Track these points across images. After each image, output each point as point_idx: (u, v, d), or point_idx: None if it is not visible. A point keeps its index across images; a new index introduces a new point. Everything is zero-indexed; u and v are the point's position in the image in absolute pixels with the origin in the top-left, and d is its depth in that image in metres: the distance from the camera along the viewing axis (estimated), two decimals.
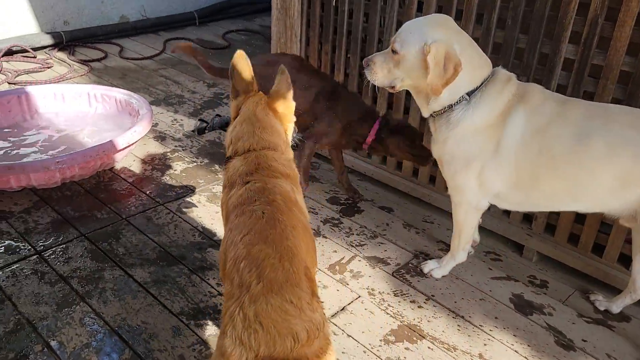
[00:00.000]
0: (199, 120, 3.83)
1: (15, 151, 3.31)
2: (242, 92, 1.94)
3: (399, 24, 2.76)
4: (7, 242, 2.56)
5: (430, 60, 1.90)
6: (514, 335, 2.16)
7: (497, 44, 2.49)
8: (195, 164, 3.32)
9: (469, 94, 2.02)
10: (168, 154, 3.42)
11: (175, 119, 3.90)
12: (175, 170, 3.24)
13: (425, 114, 2.16)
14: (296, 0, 3.18)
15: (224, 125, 3.80)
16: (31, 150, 3.32)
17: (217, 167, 3.29)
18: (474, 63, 1.99)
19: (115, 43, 5.37)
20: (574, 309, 2.32)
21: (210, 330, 2.12)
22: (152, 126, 3.63)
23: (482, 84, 2.01)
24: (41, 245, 2.54)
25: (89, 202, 2.90)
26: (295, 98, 1.98)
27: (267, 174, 1.70)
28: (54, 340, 2.05)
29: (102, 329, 2.10)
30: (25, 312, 2.17)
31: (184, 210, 2.86)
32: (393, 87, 2.13)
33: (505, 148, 2.00)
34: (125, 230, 2.68)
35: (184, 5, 6.13)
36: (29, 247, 2.53)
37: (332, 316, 2.21)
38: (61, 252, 2.51)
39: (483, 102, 2.00)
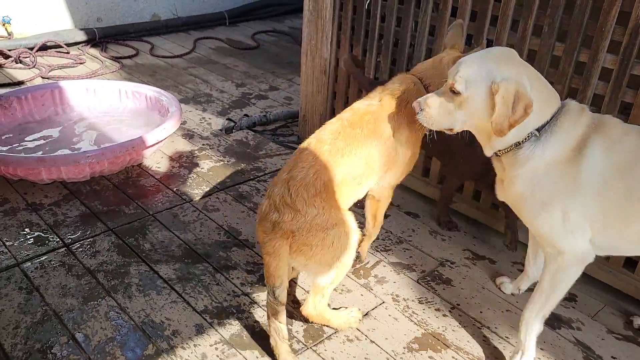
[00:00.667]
0: (227, 119, 3.85)
1: (47, 143, 3.37)
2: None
3: (432, 29, 2.75)
4: (36, 233, 2.60)
5: (498, 100, 1.70)
6: (541, 349, 2.11)
7: (531, 51, 2.44)
8: (222, 162, 3.34)
9: (539, 129, 1.79)
10: (196, 152, 3.45)
11: (203, 118, 3.93)
12: (202, 168, 3.26)
13: (489, 153, 1.93)
14: (328, 3, 3.17)
15: (252, 125, 3.81)
16: (62, 144, 3.38)
17: (243, 166, 3.30)
18: (543, 97, 1.78)
19: (147, 41, 5.44)
20: (603, 324, 2.26)
21: (233, 330, 2.12)
22: (181, 124, 3.66)
23: (551, 118, 1.80)
24: (69, 238, 2.58)
25: (117, 197, 2.94)
26: None
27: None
28: (79, 332, 2.07)
29: (127, 324, 2.12)
30: (53, 303, 2.20)
31: (210, 208, 2.88)
32: (451, 129, 1.90)
33: (585, 185, 1.76)
34: (152, 227, 2.70)
35: (214, 5, 6.19)
36: (58, 239, 2.57)
37: None
38: (89, 246, 2.54)
39: (555, 137, 1.78)
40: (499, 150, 1.86)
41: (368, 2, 3.02)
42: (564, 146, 1.78)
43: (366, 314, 2.24)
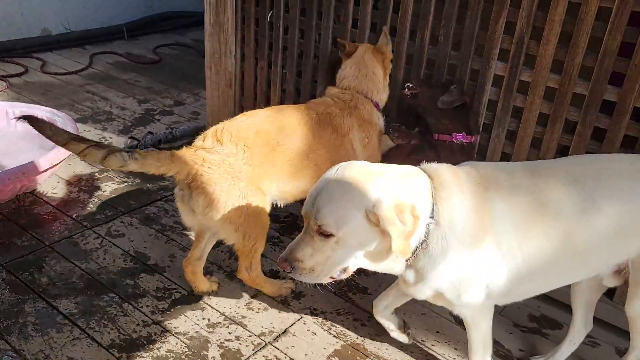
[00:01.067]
0: (130, 137, 3.66)
1: None
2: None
3: (334, 40, 2.78)
4: None
5: (386, 226, 1.48)
6: (455, 349, 2.17)
7: (430, 60, 2.53)
8: (126, 184, 3.16)
9: (431, 216, 1.59)
10: (96, 174, 3.24)
11: (103, 137, 3.71)
12: (104, 191, 3.07)
13: (399, 270, 1.70)
14: (230, 16, 3.12)
15: (157, 143, 3.65)
16: None
17: (149, 186, 3.15)
18: (410, 185, 1.58)
19: (37, 57, 5.08)
20: (509, 319, 2.36)
21: None
22: None
23: (432, 197, 1.60)
24: None
25: (8, 228, 2.69)
26: None
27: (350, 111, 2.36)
28: None
29: None
30: None
31: (114, 234, 2.71)
32: (345, 270, 1.64)
33: (504, 251, 1.63)
34: (49, 258, 2.49)
35: (111, 18, 5.89)
36: None
37: (274, 340, 2.14)
38: None
39: (452, 212, 1.60)
40: (408, 260, 1.65)
41: (270, 14, 3.00)
42: (467, 216, 1.60)
43: (284, 331, 2.19)
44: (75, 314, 2.19)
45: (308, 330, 2.21)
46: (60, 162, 2.97)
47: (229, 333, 2.16)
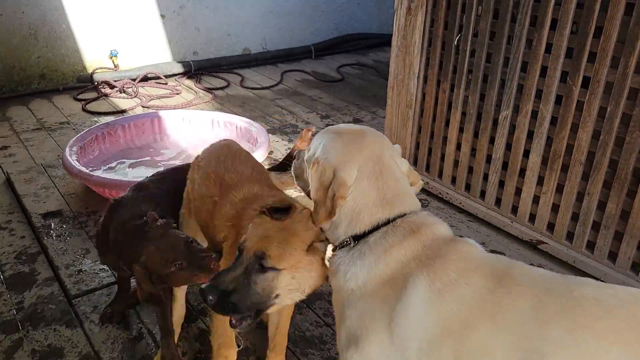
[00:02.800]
0: None
1: (142, 168, 3.60)
2: None
3: (524, 65, 2.70)
4: None
5: (312, 176, 1.46)
6: None
7: (633, 89, 2.34)
8: None
9: (358, 236, 1.42)
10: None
11: (289, 148, 4.05)
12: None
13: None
14: (417, 39, 3.21)
15: None
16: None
17: None
18: (371, 192, 1.41)
19: (237, 73, 5.73)
20: None
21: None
22: (268, 154, 3.79)
23: (379, 225, 1.41)
24: None
25: None
26: None
27: None
28: None
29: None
30: (148, 322, 2.31)
31: None
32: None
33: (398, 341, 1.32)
34: None
35: (302, 39, 6.42)
36: None
37: None
38: None
39: (369, 256, 1.39)
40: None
41: (458, 37, 3.03)
42: (374, 275, 1.36)
43: None
44: None
45: None
46: None
47: None
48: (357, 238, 1.40)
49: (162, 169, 2.49)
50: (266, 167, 2.54)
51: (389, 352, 1.31)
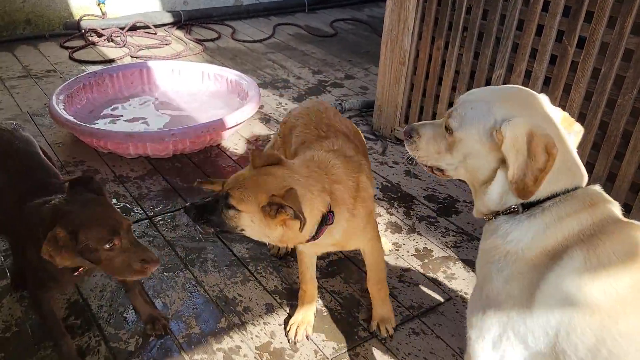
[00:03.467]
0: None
1: (132, 119, 3.56)
2: None
3: (520, 23, 2.66)
4: (123, 204, 2.77)
5: (507, 151, 1.31)
6: None
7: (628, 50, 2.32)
8: None
9: (528, 204, 1.37)
10: (271, 136, 3.53)
11: (280, 103, 4.01)
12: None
13: (477, 214, 1.52)
14: None
15: None
16: (146, 121, 3.55)
17: None
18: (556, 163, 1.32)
19: (229, 25, 5.60)
20: None
21: None
22: (258, 108, 3.75)
23: (551, 196, 1.35)
24: (152, 211, 2.73)
25: (196, 174, 3.07)
26: None
27: None
28: (158, 300, 2.20)
29: (202, 297, 2.23)
30: None
31: None
32: (442, 171, 1.54)
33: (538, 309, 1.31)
34: None
35: None
36: (142, 211, 2.72)
37: (421, 314, 2.20)
38: (169, 220, 2.68)
39: (532, 223, 1.35)
40: (486, 215, 1.46)
41: None
42: (538, 242, 1.32)
43: (432, 308, 2.23)
44: (246, 259, 2.45)
45: (457, 312, 2.22)
46: (243, 121, 3.29)
47: None
48: (527, 206, 1.35)
49: None
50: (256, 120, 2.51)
51: (528, 322, 1.30)
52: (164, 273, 2.34)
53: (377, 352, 2.03)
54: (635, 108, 2.35)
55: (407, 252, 2.54)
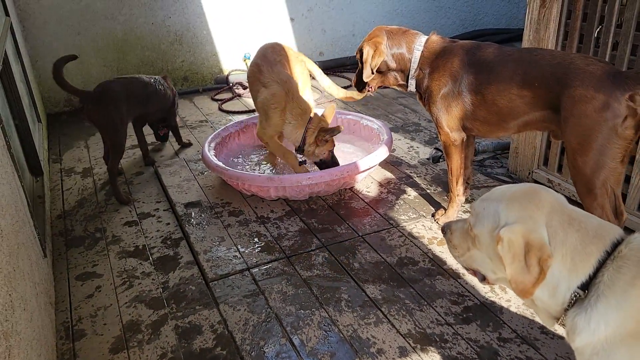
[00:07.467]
0: (435, 148, 3.91)
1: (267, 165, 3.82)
2: None
3: None
4: (264, 243, 2.96)
5: (504, 254, 1.35)
6: None
7: None
8: (427, 191, 3.40)
9: (584, 286, 1.31)
10: (403, 179, 3.57)
11: (411, 146, 4.05)
12: (409, 195, 3.37)
13: (550, 325, 1.46)
14: (551, 32, 3.05)
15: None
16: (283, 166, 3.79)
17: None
18: (576, 245, 1.33)
19: None
20: None
21: (435, 358, 2.14)
22: (390, 152, 3.83)
23: (598, 268, 1.31)
24: (289, 250, 2.88)
25: (331, 216, 3.19)
26: None
27: None
28: (295, 336, 2.30)
29: (336, 336, 2.29)
30: (275, 307, 2.48)
31: (415, 235, 2.95)
32: (484, 278, 1.56)
33: None
34: (361, 247, 2.87)
35: None
36: (280, 250, 2.89)
37: None
38: (305, 259, 2.80)
39: (604, 301, 1.28)
40: (557, 319, 1.39)
41: (598, 29, 2.83)
42: (621, 315, 1.23)
43: None
44: (379, 300, 2.48)
45: None
46: (375, 165, 3.38)
47: (520, 352, 2.14)
48: (585, 286, 1.31)
49: None
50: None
51: None
52: (301, 310, 2.44)
53: None
54: None
55: None
